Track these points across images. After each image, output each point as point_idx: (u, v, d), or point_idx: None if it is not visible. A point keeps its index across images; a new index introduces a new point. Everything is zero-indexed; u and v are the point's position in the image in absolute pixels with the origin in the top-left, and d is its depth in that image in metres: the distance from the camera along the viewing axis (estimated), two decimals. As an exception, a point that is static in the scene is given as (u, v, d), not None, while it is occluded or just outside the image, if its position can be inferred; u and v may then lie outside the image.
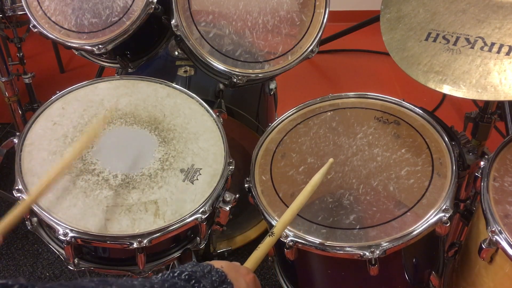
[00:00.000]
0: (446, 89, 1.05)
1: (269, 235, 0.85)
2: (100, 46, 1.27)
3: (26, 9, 1.28)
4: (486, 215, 0.98)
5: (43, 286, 0.51)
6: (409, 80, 1.11)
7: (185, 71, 1.60)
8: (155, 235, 1.01)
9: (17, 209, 0.94)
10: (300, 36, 1.31)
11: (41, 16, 1.29)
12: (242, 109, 1.56)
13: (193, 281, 0.63)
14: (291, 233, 1.04)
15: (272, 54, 1.30)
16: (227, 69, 1.28)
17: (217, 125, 1.24)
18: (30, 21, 1.29)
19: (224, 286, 0.66)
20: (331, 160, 0.98)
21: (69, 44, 1.29)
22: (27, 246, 1.91)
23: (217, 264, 0.70)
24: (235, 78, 1.29)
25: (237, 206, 1.16)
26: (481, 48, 1.05)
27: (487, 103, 1.31)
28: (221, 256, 1.78)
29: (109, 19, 1.28)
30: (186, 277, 0.63)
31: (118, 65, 1.45)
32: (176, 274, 0.64)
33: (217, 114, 1.27)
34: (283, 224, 0.87)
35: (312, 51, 1.30)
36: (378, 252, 0.98)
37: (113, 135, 1.18)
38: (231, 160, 1.17)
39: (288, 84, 2.34)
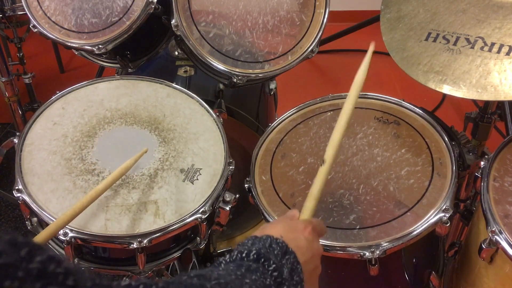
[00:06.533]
0: (446, 89, 1.05)
1: (321, 164, 0.80)
2: (100, 46, 1.27)
3: (26, 9, 1.28)
4: (486, 215, 0.98)
5: (166, 283, 0.52)
6: (409, 80, 1.11)
7: (185, 71, 1.60)
8: (155, 235, 1.01)
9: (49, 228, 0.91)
10: (300, 36, 1.31)
11: (41, 16, 1.29)
12: (242, 109, 1.56)
13: (262, 259, 0.63)
14: (291, 233, 1.04)
15: (272, 54, 1.30)
16: (227, 69, 1.28)
17: (217, 125, 1.24)
18: (30, 21, 1.28)
19: (286, 257, 0.66)
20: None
21: (69, 44, 1.29)
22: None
23: (276, 233, 0.69)
24: (235, 78, 1.29)
25: (237, 206, 1.15)
26: (481, 48, 1.05)
27: (487, 103, 1.31)
28: (221, 256, 1.78)
29: (109, 19, 1.28)
30: (255, 256, 0.63)
31: (118, 65, 1.45)
32: (244, 255, 0.64)
33: (217, 114, 1.27)
34: (334, 148, 0.80)
35: (312, 51, 1.30)
36: (378, 252, 0.98)
37: (113, 135, 1.18)
38: (231, 160, 1.17)
39: (288, 84, 2.34)
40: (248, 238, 0.67)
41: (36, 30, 1.28)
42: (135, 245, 1.00)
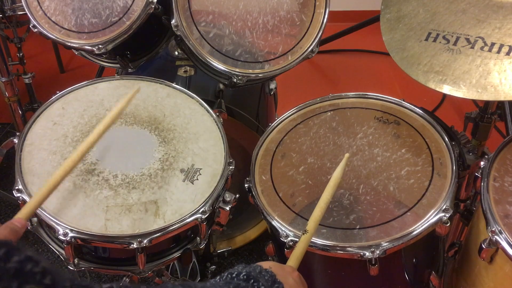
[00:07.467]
0: (446, 89, 1.05)
1: (303, 233, 0.87)
2: (100, 46, 1.27)
3: (26, 9, 1.28)
4: (486, 215, 0.98)
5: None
6: (409, 80, 1.11)
7: (185, 71, 1.60)
8: (155, 235, 1.01)
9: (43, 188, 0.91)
10: (300, 36, 1.31)
11: (41, 16, 1.29)
12: (242, 109, 1.56)
13: (252, 280, 0.65)
14: (291, 233, 1.04)
15: (272, 54, 1.30)
16: (227, 69, 1.28)
17: (217, 125, 1.24)
18: (30, 21, 1.28)
19: (275, 285, 0.68)
20: (347, 155, 0.98)
21: (69, 44, 1.29)
22: (27, 246, 1.89)
23: (265, 265, 0.72)
24: (235, 78, 1.29)
25: (237, 206, 1.16)
26: (481, 48, 1.05)
27: (487, 103, 1.31)
28: (221, 256, 1.78)
29: (109, 19, 1.28)
30: (245, 277, 0.65)
31: (118, 65, 1.45)
32: (234, 275, 0.66)
33: (217, 114, 1.27)
34: (315, 221, 0.89)
35: (312, 51, 1.30)
36: (378, 252, 0.98)
37: (113, 135, 1.18)
38: (231, 160, 1.17)
39: (288, 84, 2.34)
40: (238, 265, 0.69)
41: (36, 30, 1.28)
42: (135, 245, 1.00)
